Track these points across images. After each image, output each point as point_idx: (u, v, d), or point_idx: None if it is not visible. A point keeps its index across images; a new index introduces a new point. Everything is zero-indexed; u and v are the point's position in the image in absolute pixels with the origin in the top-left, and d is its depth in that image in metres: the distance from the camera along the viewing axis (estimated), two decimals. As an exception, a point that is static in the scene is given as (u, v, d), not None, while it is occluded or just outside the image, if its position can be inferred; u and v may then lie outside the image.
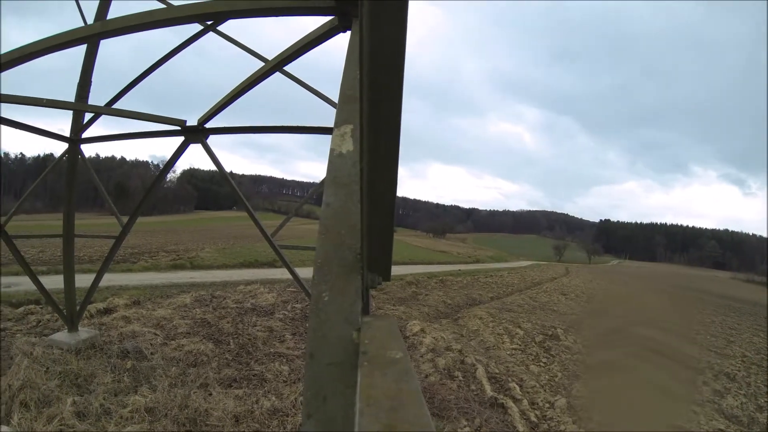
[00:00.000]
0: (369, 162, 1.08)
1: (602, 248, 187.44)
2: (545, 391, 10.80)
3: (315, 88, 8.78)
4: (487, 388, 10.24)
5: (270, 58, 7.49)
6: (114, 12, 8.98)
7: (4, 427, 6.33)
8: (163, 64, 8.90)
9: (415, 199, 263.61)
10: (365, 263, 1.27)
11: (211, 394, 7.95)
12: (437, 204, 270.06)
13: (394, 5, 0.86)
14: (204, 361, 9.57)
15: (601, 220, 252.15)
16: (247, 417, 7.28)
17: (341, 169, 1.40)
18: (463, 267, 46.86)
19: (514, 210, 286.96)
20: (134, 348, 9.74)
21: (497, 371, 11.50)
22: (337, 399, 1.08)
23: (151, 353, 9.69)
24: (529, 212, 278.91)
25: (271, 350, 10.66)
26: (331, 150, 1.43)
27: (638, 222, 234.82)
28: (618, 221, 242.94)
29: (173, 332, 11.34)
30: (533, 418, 9.36)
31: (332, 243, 1.29)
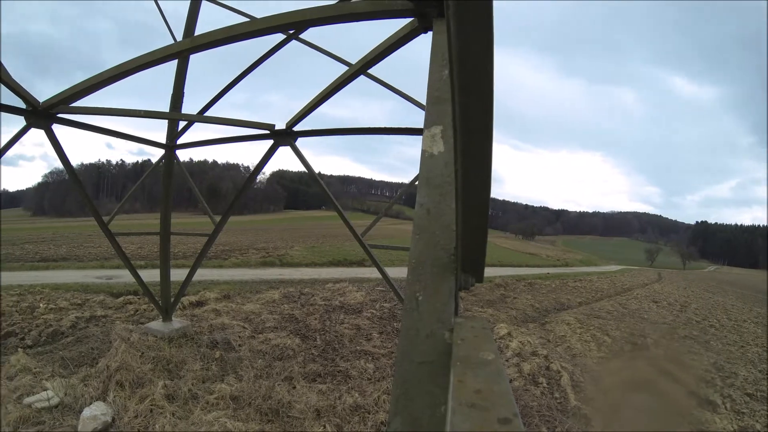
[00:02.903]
0: (463, 163, 1.08)
1: (698, 253, 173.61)
2: (631, 404, 10.17)
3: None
4: (571, 396, 9.80)
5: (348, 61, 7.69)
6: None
7: (99, 403, 6.87)
8: (250, 73, 9.26)
9: (503, 200, 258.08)
10: (459, 264, 1.27)
11: (294, 387, 8.13)
12: (526, 205, 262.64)
13: (479, 6, 0.86)
14: (290, 355, 9.82)
15: (697, 222, 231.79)
16: (328, 411, 7.36)
17: (434, 170, 1.41)
18: (551, 270, 45.35)
19: (605, 211, 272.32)
20: (223, 339, 10.22)
21: (583, 380, 10.99)
22: (425, 398, 1.09)
23: (239, 345, 10.12)
24: (620, 213, 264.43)
25: (358, 348, 10.73)
26: (423, 151, 1.44)
27: (739, 224, 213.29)
28: (716, 223, 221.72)
29: (261, 326, 11.77)
30: (616, 432, 8.84)
31: (427, 243, 1.30)
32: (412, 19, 3.93)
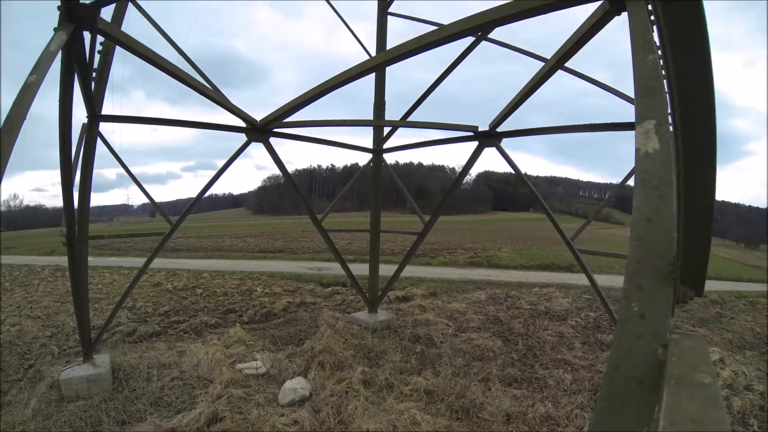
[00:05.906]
0: (685, 162, 0.98)
1: None
2: None
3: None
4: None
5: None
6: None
7: (300, 378, 7.66)
8: (446, 77, 9.42)
9: (722, 201, 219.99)
10: (678, 274, 1.16)
11: (490, 389, 7.92)
12: (750, 207, 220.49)
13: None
14: (490, 357, 9.67)
15: None
16: (518, 418, 6.98)
17: (650, 170, 1.29)
18: (780, 288, 37.88)
19: None
20: (425, 335, 10.48)
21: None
22: (629, 414, 1.03)
23: (441, 342, 10.25)
24: None
25: (558, 356, 10.12)
26: (637, 150, 1.33)
27: None
28: None
29: (465, 325, 11.80)
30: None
31: (644, 251, 1.20)
32: (602, 2, 3.72)
